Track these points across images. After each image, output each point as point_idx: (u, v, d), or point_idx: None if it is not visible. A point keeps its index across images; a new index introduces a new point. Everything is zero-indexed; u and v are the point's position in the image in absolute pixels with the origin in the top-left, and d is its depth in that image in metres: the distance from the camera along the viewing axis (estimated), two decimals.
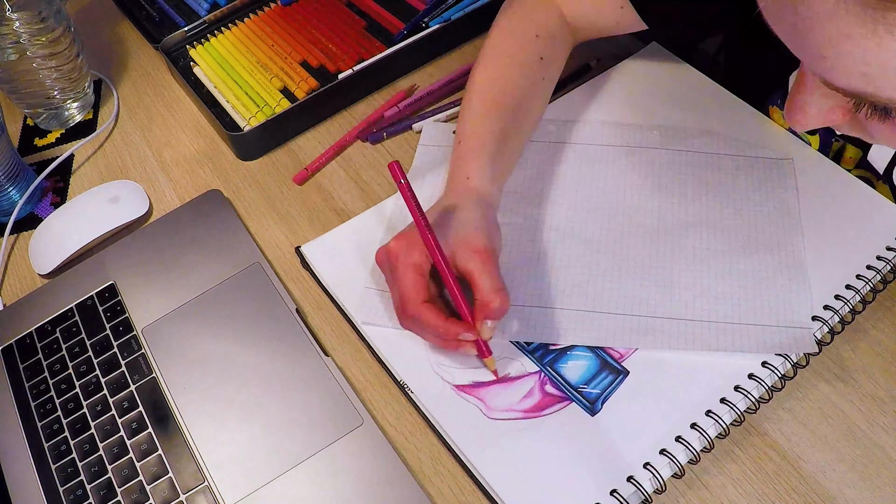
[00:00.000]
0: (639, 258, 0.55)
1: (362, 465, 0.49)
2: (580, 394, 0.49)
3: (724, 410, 0.47)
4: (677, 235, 0.56)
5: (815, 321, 0.50)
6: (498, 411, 0.49)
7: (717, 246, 0.55)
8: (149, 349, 0.57)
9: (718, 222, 0.56)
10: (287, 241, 0.63)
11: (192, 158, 0.72)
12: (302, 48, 0.77)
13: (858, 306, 0.51)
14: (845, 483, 0.45)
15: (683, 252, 0.55)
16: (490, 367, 0.51)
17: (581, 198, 0.60)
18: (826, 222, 0.55)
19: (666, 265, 0.54)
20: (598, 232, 0.57)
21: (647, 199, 0.59)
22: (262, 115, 0.71)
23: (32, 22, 0.69)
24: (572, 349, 0.51)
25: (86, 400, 0.56)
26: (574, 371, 0.50)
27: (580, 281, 0.54)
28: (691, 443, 0.46)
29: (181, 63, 0.80)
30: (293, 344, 0.55)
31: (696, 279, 0.53)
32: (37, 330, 0.61)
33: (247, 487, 0.49)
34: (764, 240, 0.55)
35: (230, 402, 0.53)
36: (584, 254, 0.56)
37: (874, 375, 0.49)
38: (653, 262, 0.55)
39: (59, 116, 0.78)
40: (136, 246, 0.64)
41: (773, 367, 0.48)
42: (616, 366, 0.50)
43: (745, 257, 0.54)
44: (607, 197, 0.59)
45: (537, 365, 0.51)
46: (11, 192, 0.69)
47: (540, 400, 0.49)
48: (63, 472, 0.52)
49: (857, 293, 0.51)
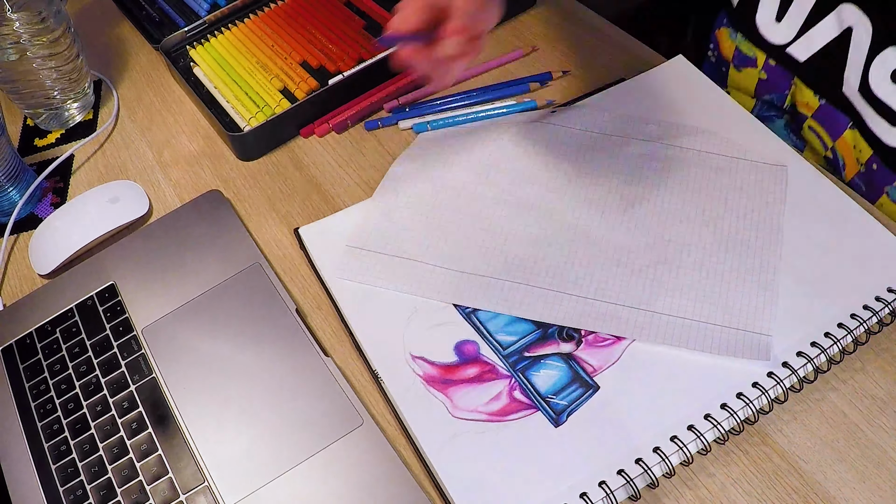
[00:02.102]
0: (615, 246, 0.56)
1: (362, 465, 0.49)
2: (547, 403, 0.49)
3: (689, 438, 0.46)
4: (658, 227, 0.57)
5: (800, 357, 0.48)
6: (463, 411, 0.50)
7: (695, 241, 0.55)
8: (149, 349, 0.57)
9: (700, 218, 0.57)
10: (287, 241, 0.63)
11: (192, 158, 0.72)
12: (302, 48, 0.77)
13: (850, 346, 0.49)
14: (845, 483, 0.45)
15: (659, 244, 0.56)
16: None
17: (568, 182, 0.60)
18: (820, 245, 0.54)
19: (641, 256, 0.55)
20: (579, 217, 0.58)
21: (634, 190, 0.59)
22: (262, 115, 0.71)
23: (32, 22, 0.69)
24: (547, 357, 0.51)
25: (86, 400, 0.56)
26: (545, 380, 0.50)
27: (556, 262, 0.56)
28: (651, 466, 0.45)
29: (181, 63, 0.80)
30: (293, 344, 0.55)
31: (669, 273, 0.54)
32: (37, 330, 0.61)
33: (247, 487, 0.49)
34: (743, 241, 0.55)
35: (230, 402, 0.53)
36: (562, 236, 0.57)
37: (874, 375, 0.49)
38: (630, 252, 0.56)
39: (60, 117, 0.78)
40: (136, 246, 0.64)
41: (748, 400, 0.47)
42: (588, 380, 0.50)
43: (720, 256, 0.54)
44: (594, 184, 0.60)
45: (509, 370, 0.51)
46: (11, 192, 0.69)
47: (506, 405, 0.50)
48: (63, 473, 0.52)
49: (849, 333, 0.49)
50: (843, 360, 0.49)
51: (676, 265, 0.54)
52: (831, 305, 0.51)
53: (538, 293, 0.54)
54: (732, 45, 0.67)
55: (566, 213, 0.59)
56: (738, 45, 0.67)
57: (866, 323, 0.49)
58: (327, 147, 0.70)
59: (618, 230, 0.57)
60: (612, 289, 0.54)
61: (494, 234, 0.58)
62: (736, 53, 0.67)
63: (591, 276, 0.55)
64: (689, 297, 0.53)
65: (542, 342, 0.52)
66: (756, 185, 0.58)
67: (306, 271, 0.61)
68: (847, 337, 0.49)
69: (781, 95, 0.66)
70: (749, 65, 0.66)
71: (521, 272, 0.55)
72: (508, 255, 0.57)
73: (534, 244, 0.57)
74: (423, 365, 0.52)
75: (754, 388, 0.48)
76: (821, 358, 0.49)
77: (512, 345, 0.52)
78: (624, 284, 0.54)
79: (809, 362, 0.48)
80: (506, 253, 0.57)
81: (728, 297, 0.52)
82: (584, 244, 0.57)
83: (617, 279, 0.54)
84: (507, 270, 0.56)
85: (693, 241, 0.56)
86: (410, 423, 0.50)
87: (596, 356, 0.51)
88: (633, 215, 0.58)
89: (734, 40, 0.67)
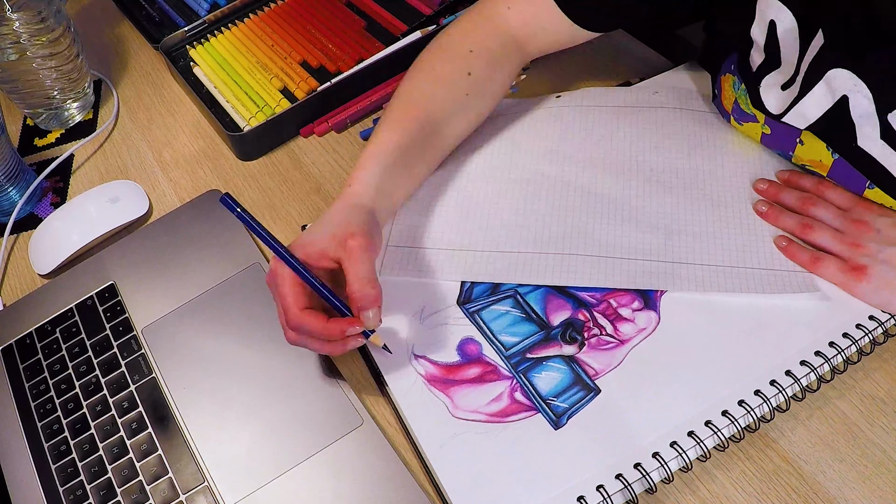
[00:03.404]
0: (638, 206, 0.58)
1: (362, 465, 0.49)
2: (548, 406, 0.49)
3: (689, 444, 0.46)
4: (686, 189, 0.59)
5: (804, 366, 0.48)
6: (464, 411, 0.50)
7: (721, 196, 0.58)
8: (149, 349, 0.57)
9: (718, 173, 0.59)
10: (287, 241, 0.63)
11: (192, 158, 0.72)
12: (302, 48, 0.77)
13: (854, 356, 0.49)
14: (845, 483, 0.45)
15: (687, 199, 0.58)
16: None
17: (584, 152, 0.62)
18: None
19: (667, 212, 0.57)
20: (598, 183, 0.60)
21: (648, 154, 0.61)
22: (262, 115, 0.71)
23: (32, 22, 0.69)
24: (549, 359, 0.51)
25: (86, 400, 0.56)
26: (546, 382, 0.50)
27: (582, 227, 0.57)
28: (650, 472, 0.45)
29: (181, 63, 0.80)
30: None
31: (698, 226, 0.56)
32: (37, 330, 0.61)
33: (247, 487, 0.49)
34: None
35: (230, 402, 0.53)
36: (583, 202, 0.59)
37: (874, 376, 0.49)
38: (653, 210, 0.57)
39: (59, 116, 0.78)
40: (136, 246, 0.64)
41: (749, 408, 0.47)
42: (589, 382, 0.50)
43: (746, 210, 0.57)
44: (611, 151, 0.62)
45: (511, 372, 0.51)
46: (11, 192, 0.69)
47: (507, 406, 0.49)
48: (63, 472, 0.52)
49: (854, 343, 0.49)
50: (846, 370, 0.49)
51: (712, 220, 0.56)
52: (837, 314, 0.50)
53: (581, 260, 0.55)
54: (733, 97, 0.59)
55: (591, 183, 0.60)
56: (738, 98, 0.59)
57: (871, 334, 0.49)
58: (327, 147, 0.70)
59: (641, 194, 0.59)
60: (649, 247, 0.55)
61: (523, 212, 0.59)
62: (735, 107, 0.59)
63: (628, 237, 0.56)
64: (727, 246, 0.54)
65: (544, 344, 0.52)
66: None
67: None
68: (852, 347, 0.49)
69: (787, 154, 0.58)
70: (749, 120, 0.59)
71: (555, 243, 0.57)
72: (540, 229, 0.58)
73: (562, 216, 0.58)
74: (426, 364, 0.52)
75: (756, 395, 0.47)
76: (824, 367, 0.48)
77: (514, 346, 0.52)
78: (661, 241, 0.55)
79: (813, 371, 0.48)
80: (536, 228, 0.58)
81: (765, 245, 0.54)
82: (613, 209, 0.58)
83: (651, 237, 0.56)
84: (542, 243, 0.57)
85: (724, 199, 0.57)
86: (410, 421, 0.50)
87: (598, 359, 0.51)
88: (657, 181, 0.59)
89: (735, 91, 0.59)
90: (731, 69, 0.58)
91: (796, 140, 0.56)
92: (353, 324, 0.48)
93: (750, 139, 0.61)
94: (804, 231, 0.53)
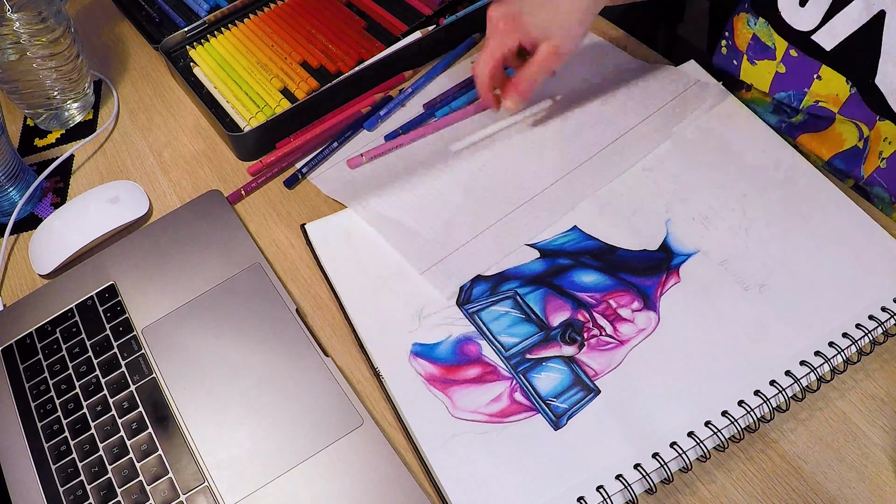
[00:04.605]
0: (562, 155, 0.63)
1: (362, 465, 0.49)
2: (548, 406, 0.49)
3: (689, 444, 0.46)
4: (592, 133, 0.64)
5: (804, 366, 0.48)
6: (463, 411, 0.50)
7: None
8: (149, 349, 0.57)
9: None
10: (287, 240, 0.63)
11: (192, 159, 0.72)
12: (302, 48, 0.77)
13: (854, 356, 0.49)
14: (845, 483, 0.45)
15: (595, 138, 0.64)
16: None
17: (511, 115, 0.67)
18: (824, 252, 0.54)
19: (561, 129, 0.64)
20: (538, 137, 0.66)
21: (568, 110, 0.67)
22: (262, 115, 0.71)
23: (32, 22, 0.69)
24: (549, 360, 0.51)
25: (86, 400, 0.56)
26: (546, 382, 0.50)
27: (509, 179, 0.63)
28: (650, 472, 0.45)
29: (181, 63, 0.80)
30: (293, 344, 0.55)
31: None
32: (37, 330, 0.61)
33: (247, 488, 0.49)
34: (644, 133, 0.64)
35: (230, 402, 0.53)
36: (496, 159, 0.65)
37: (874, 376, 0.49)
38: (548, 136, 0.64)
39: (59, 117, 0.78)
40: (136, 246, 0.64)
41: (749, 408, 0.47)
42: (589, 383, 0.50)
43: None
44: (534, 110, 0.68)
45: (511, 372, 0.51)
46: (11, 192, 0.69)
47: (506, 406, 0.50)
48: (63, 473, 0.52)
49: (853, 343, 0.48)
50: (846, 371, 0.49)
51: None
52: (836, 315, 0.50)
53: (522, 211, 0.60)
54: (749, 34, 0.61)
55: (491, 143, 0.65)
56: (757, 32, 0.60)
57: (871, 334, 0.49)
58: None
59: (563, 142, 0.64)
60: (564, 164, 0.62)
61: (460, 202, 0.62)
62: (752, 44, 0.61)
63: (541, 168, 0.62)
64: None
65: (544, 344, 0.52)
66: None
67: (306, 271, 0.61)
68: (851, 347, 0.49)
69: (800, 93, 0.60)
70: (766, 56, 0.60)
71: (493, 210, 0.60)
72: (475, 206, 0.61)
73: (485, 184, 0.62)
74: (425, 364, 0.52)
75: (756, 396, 0.47)
76: (824, 368, 0.48)
77: (514, 346, 0.52)
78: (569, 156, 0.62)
79: (813, 371, 0.48)
80: (474, 206, 0.61)
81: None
82: (542, 158, 0.64)
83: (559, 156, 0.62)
84: (484, 216, 0.60)
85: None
86: (410, 421, 0.50)
87: (598, 360, 0.51)
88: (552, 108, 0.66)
89: (752, 27, 0.61)
90: (745, 7, 0.61)
91: (814, 75, 0.57)
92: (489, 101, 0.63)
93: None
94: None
